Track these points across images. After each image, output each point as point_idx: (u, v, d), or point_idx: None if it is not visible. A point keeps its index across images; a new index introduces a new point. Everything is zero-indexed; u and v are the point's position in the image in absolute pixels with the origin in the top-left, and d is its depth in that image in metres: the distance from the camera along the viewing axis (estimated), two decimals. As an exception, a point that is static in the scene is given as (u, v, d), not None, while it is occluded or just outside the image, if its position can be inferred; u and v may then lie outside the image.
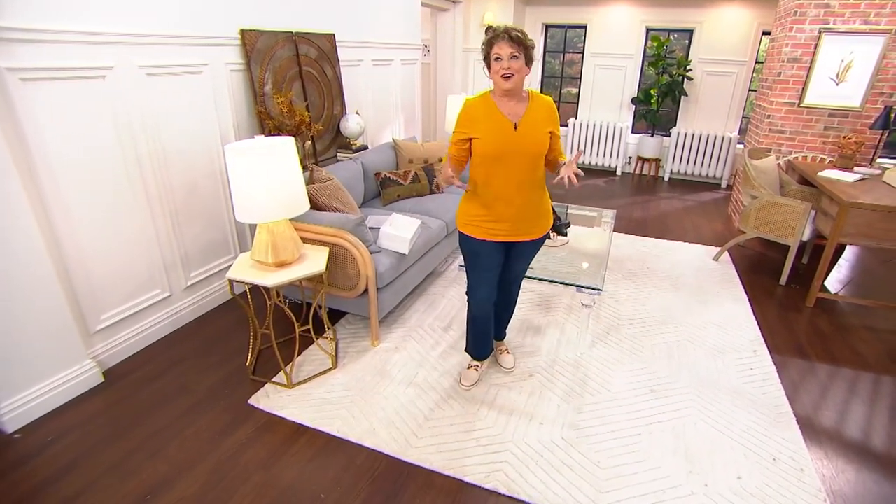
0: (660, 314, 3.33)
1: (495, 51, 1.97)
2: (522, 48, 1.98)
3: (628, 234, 4.80)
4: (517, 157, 2.08)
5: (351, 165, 3.66)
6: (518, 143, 2.06)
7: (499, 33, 1.97)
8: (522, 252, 2.38)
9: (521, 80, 2.04)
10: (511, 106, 2.07)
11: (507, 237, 2.25)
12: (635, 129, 7.19)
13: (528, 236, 2.28)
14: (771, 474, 2.12)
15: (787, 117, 4.64)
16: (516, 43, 1.96)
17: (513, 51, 1.96)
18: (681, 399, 2.54)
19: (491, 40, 1.99)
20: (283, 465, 2.10)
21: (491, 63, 2.01)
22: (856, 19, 4.13)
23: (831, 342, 3.16)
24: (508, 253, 2.38)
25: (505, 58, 1.96)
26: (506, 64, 1.97)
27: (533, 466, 2.10)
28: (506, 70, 1.97)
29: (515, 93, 2.07)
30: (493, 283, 2.38)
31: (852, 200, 3.28)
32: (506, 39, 1.95)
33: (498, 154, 2.08)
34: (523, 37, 1.99)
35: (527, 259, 2.45)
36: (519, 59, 1.98)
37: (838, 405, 2.59)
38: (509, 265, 2.43)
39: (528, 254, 2.42)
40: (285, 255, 2.44)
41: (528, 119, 2.07)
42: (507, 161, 2.09)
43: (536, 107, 2.11)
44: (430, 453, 2.15)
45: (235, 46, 3.08)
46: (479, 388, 2.57)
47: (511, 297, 2.64)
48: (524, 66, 2.01)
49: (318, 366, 2.71)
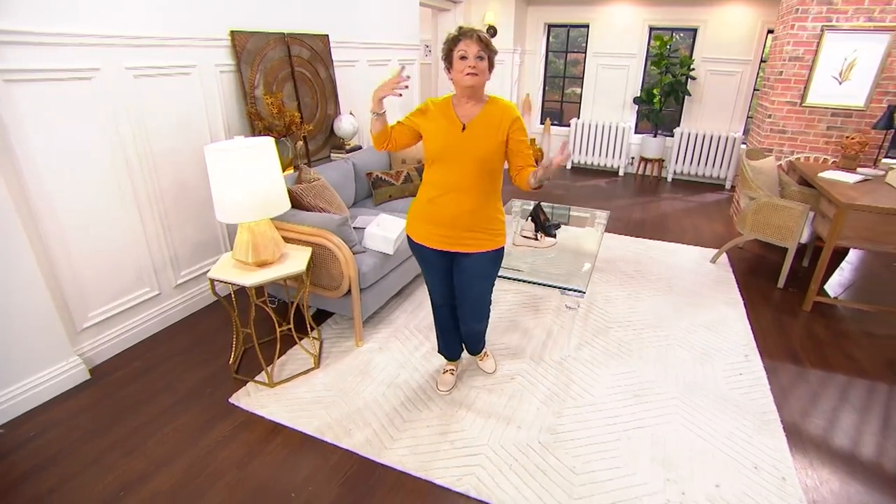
0: (650, 317, 3.29)
1: (461, 47, 1.92)
2: (488, 51, 1.96)
3: (626, 236, 4.75)
4: (461, 159, 2.01)
5: (342, 165, 3.67)
6: (463, 144, 2.00)
7: (466, 32, 1.93)
8: (468, 267, 2.20)
9: (483, 82, 2.00)
10: (465, 108, 2.04)
11: (441, 245, 2.15)
12: (638, 130, 7.12)
13: (464, 248, 2.14)
14: (751, 483, 2.08)
15: (788, 117, 4.55)
16: (483, 44, 1.94)
17: (479, 50, 1.93)
18: (664, 404, 2.50)
19: (457, 37, 1.94)
20: (257, 464, 2.11)
21: (454, 61, 1.96)
22: (860, 16, 4.03)
23: (826, 347, 3.10)
24: (454, 268, 2.26)
25: (471, 56, 1.92)
26: (472, 62, 1.92)
27: (506, 470, 2.08)
28: (471, 68, 1.93)
29: (476, 94, 2.02)
30: (445, 288, 2.34)
31: (850, 202, 3.21)
32: (474, 38, 1.92)
33: (441, 153, 2.04)
34: (489, 40, 1.98)
35: (474, 276, 2.23)
36: (484, 60, 1.96)
37: (828, 413, 2.53)
38: (458, 280, 2.28)
39: (477, 272, 2.22)
40: (266, 255, 2.45)
41: (479, 122, 2.02)
42: (450, 162, 2.03)
43: (492, 112, 2.04)
44: (403, 455, 2.15)
45: (225, 48, 3.10)
46: (459, 391, 2.56)
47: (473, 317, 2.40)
48: (487, 69, 1.99)
49: (301, 365, 2.72)
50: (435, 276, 2.31)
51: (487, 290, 2.33)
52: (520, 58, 6.88)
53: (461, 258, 2.20)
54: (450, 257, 2.23)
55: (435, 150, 2.05)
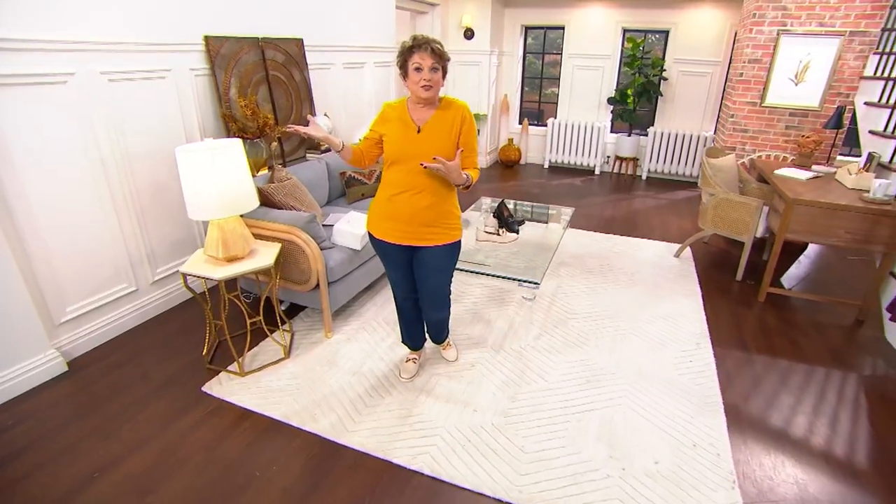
0: (610, 309, 3.45)
1: (416, 59, 2.03)
2: (442, 61, 2.08)
3: (596, 232, 4.91)
4: (417, 159, 2.12)
5: (315, 165, 3.79)
6: (418, 146, 2.13)
7: (420, 43, 2.03)
8: (426, 260, 2.35)
9: (438, 91, 2.13)
10: (420, 111, 2.17)
11: (401, 240, 2.28)
12: (614, 129, 7.29)
13: (422, 242, 2.28)
14: (688, 459, 2.23)
15: (749, 117, 4.74)
16: (437, 55, 2.05)
17: (434, 62, 2.04)
18: (614, 389, 2.65)
19: (412, 48, 2.05)
20: (225, 447, 2.24)
21: (410, 71, 2.07)
22: (811, 21, 4.23)
23: (774, 336, 3.27)
24: (414, 263, 2.40)
25: (426, 68, 2.03)
26: (427, 75, 2.04)
27: (459, 450, 2.22)
28: (426, 81, 2.05)
29: (431, 101, 2.16)
30: (405, 282, 2.48)
31: (797, 197, 3.38)
32: (428, 51, 2.02)
33: (398, 155, 2.16)
34: (444, 50, 2.09)
35: (433, 269, 2.37)
36: (438, 71, 2.08)
37: (767, 395, 2.69)
38: (419, 275, 2.42)
39: (437, 265, 2.36)
40: (235, 251, 2.58)
41: (434, 125, 2.15)
42: (407, 163, 2.16)
43: (446, 114, 2.17)
44: (364, 437, 2.29)
45: (199, 52, 3.22)
46: (421, 378, 2.70)
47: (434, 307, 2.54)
48: (441, 78, 2.11)
49: (272, 356, 2.85)
50: (396, 270, 2.45)
51: (446, 281, 2.48)
52: (497, 59, 7.03)
53: (420, 252, 2.34)
54: (409, 251, 2.36)
55: (393, 152, 2.18)
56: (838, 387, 2.78)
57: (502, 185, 6.66)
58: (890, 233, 3.23)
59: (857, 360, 3.05)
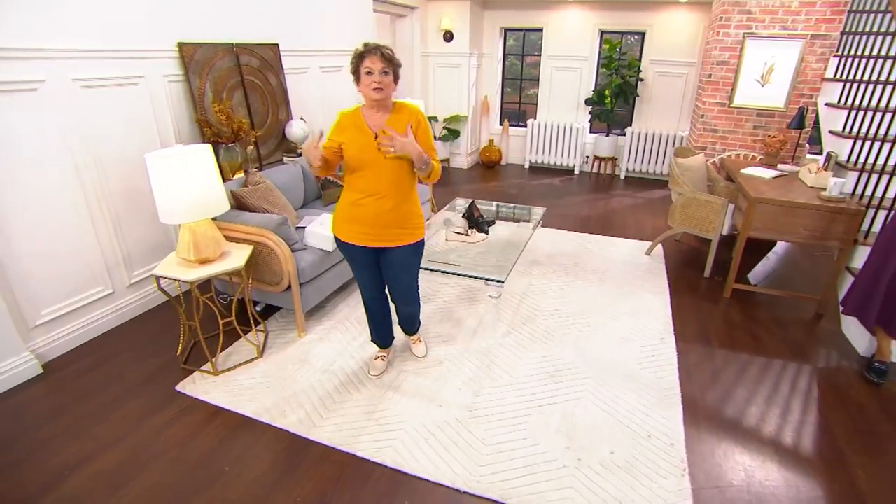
0: (579, 306, 3.54)
1: (367, 64, 2.12)
2: (392, 65, 2.17)
3: (571, 231, 5.00)
4: (377, 164, 2.22)
5: (291, 168, 3.86)
6: (377, 151, 2.20)
7: (371, 49, 2.13)
8: (393, 260, 2.45)
9: (389, 94, 2.22)
10: (375, 117, 2.25)
11: (369, 242, 2.37)
12: (593, 129, 7.40)
13: (390, 243, 2.38)
14: (642, 449, 2.32)
15: (719, 117, 4.86)
16: (387, 60, 2.14)
17: (384, 66, 2.13)
18: (576, 383, 2.74)
19: (363, 54, 2.14)
20: (196, 443, 2.31)
21: (361, 76, 2.16)
22: (775, 25, 4.35)
23: (737, 330, 3.37)
24: (383, 262, 2.50)
25: (376, 72, 2.12)
26: (377, 78, 2.13)
27: (422, 443, 2.31)
28: (377, 83, 2.14)
29: (383, 105, 2.25)
30: (373, 282, 2.57)
31: (758, 196, 3.50)
32: (378, 55, 2.12)
33: (358, 161, 2.24)
34: (393, 55, 2.19)
35: (400, 268, 2.49)
36: (389, 75, 2.17)
37: (724, 388, 2.79)
38: (390, 275, 2.54)
39: (405, 263, 2.48)
40: (207, 253, 2.65)
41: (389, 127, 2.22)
42: (367, 168, 2.24)
43: (400, 118, 2.26)
44: (331, 432, 2.37)
45: (173, 59, 3.28)
46: (389, 375, 2.78)
47: (404, 315, 2.73)
48: (392, 82, 2.20)
49: (246, 355, 2.92)
50: (363, 271, 2.53)
51: (413, 277, 2.59)
52: (477, 61, 7.12)
53: (387, 252, 2.43)
54: (376, 253, 2.45)
55: (353, 159, 2.26)
56: (793, 378, 2.89)
57: (482, 185, 6.75)
58: (845, 229, 3.35)
59: (814, 352, 3.16)
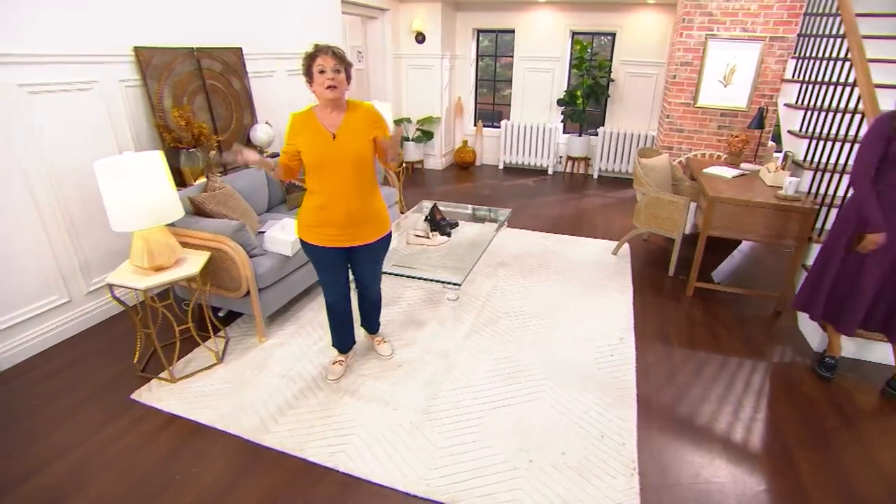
0: (543, 307, 3.57)
1: (319, 62, 2.15)
2: (343, 64, 2.20)
3: (540, 232, 5.04)
4: (338, 164, 2.25)
5: (254, 173, 3.84)
6: (338, 151, 2.24)
7: (322, 48, 2.16)
8: (364, 257, 2.53)
9: (343, 92, 2.24)
10: (331, 117, 2.26)
11: (340, 242, 2.41)
12: (567, 130, 7.45)
13: (361, 241, 2.44)
14: (595, 449, 2.34)
15: (684, 117, 4.93)
16: (339, 58, 2.18)
17: (335, 64, 2.16)
18: (534, 384, 2.76)
19: (314, 54, 2.17)
20: (148, 452, 2.30)
21: (314, 75, 2.18)
22: (736, 27, 4.42)
23: (697, 329, 3.43)
24: (352, 258, 2.55)
25: (329, 69, 2.15)
26: (330, 75, 2.16)
27: (374, 447, 2.32)
28: (331, 81, 2.16)
29: (337, 104, 2.26)
30: (339, 284, 2.59)
31: (716, 195, 3.55)
32: (329, 53, 2.15)
33: (319, 163, 2.26)
34: (344, 55, 2.22)
35: (371, 263, 2.60)
36: (341, 73, 2.19)
37: (680, 386, 2.83)
38: (358, 269, 2.61)
39: (372, 259, 2.58)
40: (161, 260, 2.63)
41: (346, 128, 2.26)
42: (329, 169, 2.27)
43: (356, 116, 2.29)
44: (284, 437, 2.37)
45: (129, 63, 3.25)
46: (347, 379, 2.78)
47: (372, 297, 2.82)
48: (345, 80, 2.23)
49: (205, 362, 2.91)
50: (331, 273, 2.55)
51: (380, 267, 2.73)
52: (450, 62, 7.14)
53: (357, 249, 2.48)
54: (345, 251, 2.49)
55: (313, 161, 2.27)
56: (748, 375, 2.95)
57: (456, 186, 6.77)
58: (800, 227, 3.41)
59: (770, 349, 3.22)
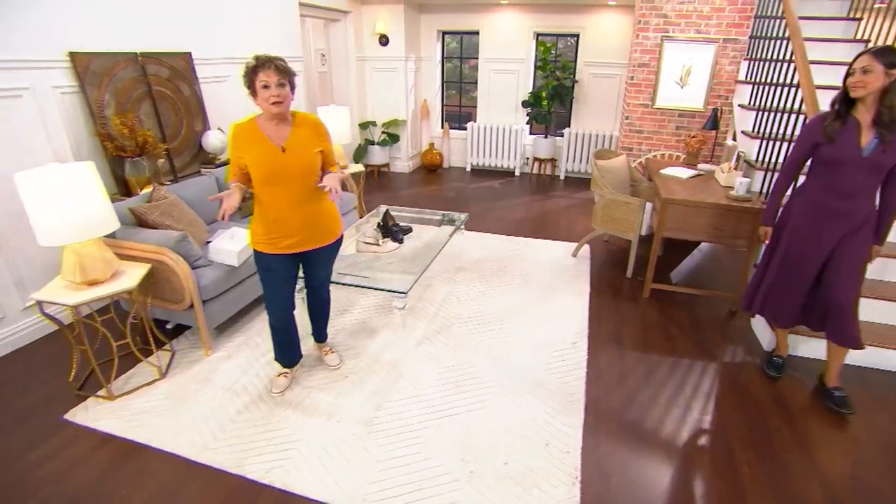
0: (498, 312, 3.55)
1: (262, 78, 2.11)
2: (287, 76, 2.16)
3: (502, 235, 5.02)
4: (289, 177, 2.24)
5: (205, 181, 3.76)
6: (287, 164, 2.22)
7: (263, 62, 2.11)
8: (318, 259, 2.56)
9: (289, 105, 2.21)
10: (276, 130, 2.23)
11: (296, 248, 2.41)
12: (534, 131, 7.46)
13: (318, 244, 2.47)
14: (538, 458, 2.31)
15: (643, 118, 4.96)
16: (282, 72, 2.13)
17: (279, 78, 2.12)
18: (482, 393, 2.73)
19: (256, 68, 2.12)
20: (77, 475, 2.21)
21: (258, 90, 2.14)
22: (690, 29, 4.46)
23: (651, 330, 3.43)
24: (304, 262, 2.55)
25: (273, 85, 2.11)
26: (274, 91, 2.12)
27: (314, 462, 2.27)
28: (275, 97, 2.13)
29: (283, 118, 2.24)
30: (287, 294, 2.55)
31: (668, 197, 3.57)
32: (272, 68, 2.10)
33: (269, 177, 2.23)
34: (287, 67, 2.17)
35: (325, 265, 2.64)
36: (285, 86, 2.16)
37: (630, 390, 2.82)
38: (309, 273, 2.61)
39: (326, 260, 2.63)
40: (95, 274, 2.54)
41: (295, 140, 2.24)
42: (280, 182, 2.24)
43: (303, 129, 2.28)
44: (223, 454, 2.30)
45: (64, 69, 3.14)
46: (292, 391, 2.73)
47: (322, 300, 2.82)
48: (289, 93, 2.18)
49: (147, 377, 2.82)
50: (280, 283, 2.50)
51: (332, 267, 2.76)
52: (415, 64, 7.10)
53: (310, 252, 2.48)
54: (299, 257, 2.49)
55: (263, 175, 2.23)
56: (698, 377, 2.96)
57: (422, 189, 6.73)
58: (751, 227, 3.44)
59: (722, 349, 3.24)
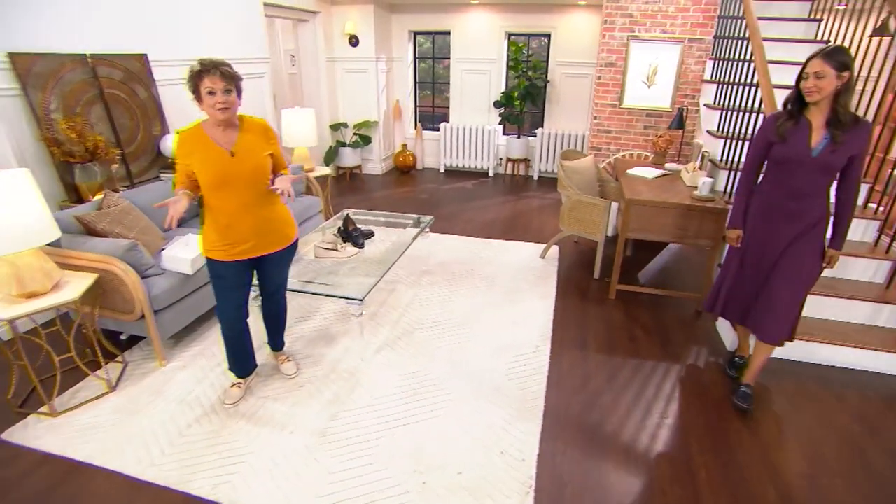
0: (461, 316, 3.50)
1: (207, 84, 2.04)
2: (234, 82, 2.10)
3: (471, 237, 4.98)
4: (239, 182, 2.19)
5: (163, 186, 3.66)
6: (237, 169, 2.16)
7: (208, 68, 2.04)
8: (273, 264, 2.51)
9: (236, 111, 2.15)
10: (224, 135, 2.17)
11: (250, 254, 2.36)
12: (507, 131, 7.44)
13: (272, 248, 2.42)
14: (492, 467, 2.27)
15: (611, 118, 4.96)
16: (228, 78, 2.07)
17: (225, 84, 2.06)
18: (440, 400, 2.68)
19: (201, 73, 2.05)
20: (11, 499, 2.11)
21: (203, 96, 2.07)
22: (656, 28, 4.47)
23: (616, 332, 3.41)
24: (259, 267, 2.50)
25: (219, 91, 2.05)
26: (221, 98, 2.06)
27: (263, 476, 2.20)
28: (222, 104, 2.07)
29: (229, 122, 2.17)
30: (241, 301, 2.49)
31: (632, 197, 3.55)
32: (217, 74, 2.04)
33: (218, 182, 2.17)
34: (233, 72, 2.11)
35: (280, 270, 2.59)
36: (232, 92, 2.09)
37: (590, 395, 2.79)
38: (264, 278, 2.56)
39: (282, 264, 2.58)
40: (34, 286, 2.44)
41: (244, 145, 2.19)
42: (230, 187, 2.19)
43: (251, 133, 2.23)
44: (169, 470, 2.22)
45: (4, 70, 3.02)
46: (246, 402, 2.65)
47: (279, 307, 2.77)
48: (236, 98, 2.12)
49: (94, 391, 2.73)
50: (233, 291, 2.44)
51: (287, 272, 2.71)
52: (386, 65, 7.03)
53: (264, 258, 2.43)
54: (254, 263, 2.43)
55: (212, 180, 2.16)
56: (661, 379, 2.94)
57: (394, 191, 6.66)
58: (714, 227, 3.44)
59: (686, 351, 3.23)
